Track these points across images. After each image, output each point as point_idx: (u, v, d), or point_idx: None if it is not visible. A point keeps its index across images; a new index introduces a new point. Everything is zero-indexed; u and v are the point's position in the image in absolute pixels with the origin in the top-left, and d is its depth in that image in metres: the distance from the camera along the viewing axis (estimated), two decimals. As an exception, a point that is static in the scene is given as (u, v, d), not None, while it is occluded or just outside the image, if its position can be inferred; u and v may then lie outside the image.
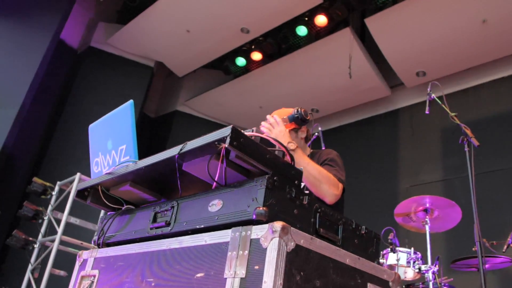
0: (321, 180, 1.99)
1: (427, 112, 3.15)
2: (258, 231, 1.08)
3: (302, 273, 1.06)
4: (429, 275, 3.17)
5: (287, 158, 1.35)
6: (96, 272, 1.59)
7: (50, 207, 5.02)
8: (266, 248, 1.03)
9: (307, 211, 1.23)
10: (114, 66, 7.62)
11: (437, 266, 3.20)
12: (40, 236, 4.92)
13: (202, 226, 1.25)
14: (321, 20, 6.39)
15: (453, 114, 2.88)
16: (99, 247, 1.67)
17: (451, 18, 5.48)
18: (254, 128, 1.36)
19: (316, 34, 6.77)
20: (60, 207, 5.01)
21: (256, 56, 7.30)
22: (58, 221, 4.82)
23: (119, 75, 7.58)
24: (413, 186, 5.95)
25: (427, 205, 3.43)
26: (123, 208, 1.65)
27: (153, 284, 1.31)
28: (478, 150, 2.80)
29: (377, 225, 3.63)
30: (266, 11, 6.26)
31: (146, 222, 1.48)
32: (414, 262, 3.25)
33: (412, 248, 3.32)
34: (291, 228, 1.07)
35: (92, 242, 1.67)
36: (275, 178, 1.15)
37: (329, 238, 1.26)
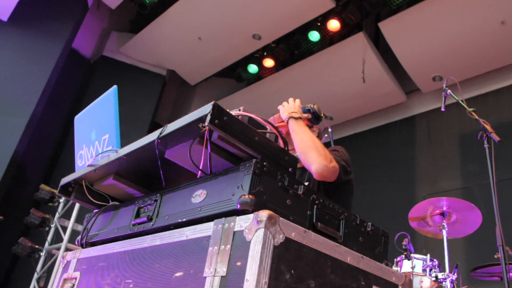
0: (312, 147, 1.84)
1: (443, 109, 2.96)
2: (242, 222, 0.93)
3: (293, 271, 0.91)
4: (447, 284, 2.94)
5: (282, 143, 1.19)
6: (77, 274, 1.46)
7: (57, 215, 4.94)
8: (250, 241, 0.89)
9: (303, 202, 1.08)
10: (126, 75, 7.61)
11: (455, 274, 2.96)
12: (46, 244, 4.84)
13: (184, 219, 1.11)
14: (334, 25, 6.25)
15: (471, 109, 2.70)
16: (82, 247, 1.54)
17: (468, 20, 5.29)
18: (242, 107, 1.23)
19: (329, 39, 6.63)
20: (67, 215, 4.93)
21: (268, 63, 7.19)
22: (65, 229, 4.73)
23: (131, 84, 7.55)
24: (431, 194, 5.70)
25: (444, 208, 3.19)
26: (108, 204, 1.52)
27: (131, 286, 1.17)
28: (498, 157, 2.61)
29: (393, 235, 3.44)
30: (278, 16, 6.16)
31: (129, 219, 1.35)
32: (430, 270, 3.01)
33: (428, 255, 3.08)
34: (280, 218, 0.92)
35: (76, 242, 1.55)
36: (264, 163, 1.01)
37: (328, 234, 1.10)
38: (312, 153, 1.81)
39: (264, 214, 0.89)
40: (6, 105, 5.96)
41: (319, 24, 6.37)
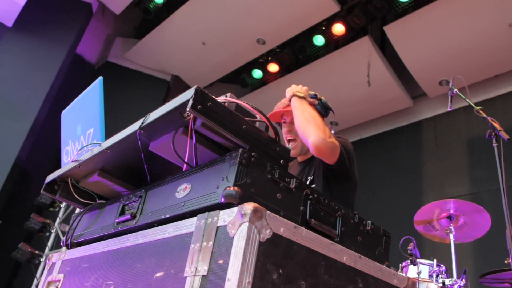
0: (311, 121, 1.79)
1: (449, 109, 2.86)
2: (226, 217, 0.85)
3: (281, 270, 0.83)
4: (455, 291, 2.81)
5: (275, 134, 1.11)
6: (61, 276, 1.38)
7: (58, 220, 4.88)
8: (233, 237, 0.80)
9: (295, 196, 0.99)
10: (131, 80, 7.57)
11: (464, 280, 2.82)
12: (47, 250, 4.77)
13: (167, 215, 1.03)
14: (338, 28, 6.17)
15: (478, 107, 2.61)
16: (67, 248, 1.46)
17: (475, 23, 5.19)
18: (229, 94, 1.15)
19: (334, 44, 6.56)
20: (68, 220, 4.87)
21: (273, 67, 7.12)
22: (65, 234, 4.65)
23: (136, 89, 7.52)
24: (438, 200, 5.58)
25: (451, 211, 3.05)
26: (94, 203, 1.44)
27: (112, 287, 1.09)
28: (508, 162, 2.51)
29: (399, 241, 3.33)
30: (282, 21, 6.10)
31: (113, 217, 1.27)
32: (437, 275, 2.87)
33: (435, 260, 2.95)
34: (267, 212, 0.84)
35: (61, 243, 1.47)
36: (252, 153, 0.93)
37: (323, 232, 1.01)
38: (310, 127, 1.75)
39: (248, 206, 0.81)
40: (9, 110, 5.94)
41: (323, 28, 6.30)
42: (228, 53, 6.91)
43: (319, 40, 6.42)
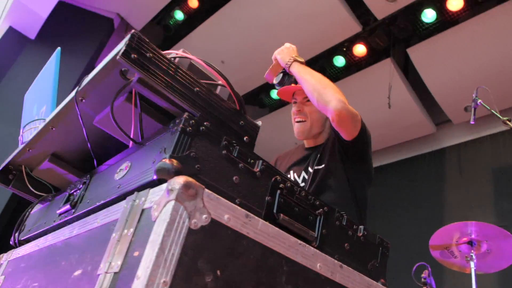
0: (328, 85, 1.59)
1: (472, 122, 2.61)
2: (153, 197, 0.64)
3: (219, 271, 0.60)
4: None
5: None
6: (1, 278, 1.18)
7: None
8: (155, 221, 0.59)
9: (259, 183, 0.77)
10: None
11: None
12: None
13: (102, 201, 0.82)
14: (360, 49, 5.99)
15: (505, 118, 2.36)
16: (15, 246, 1.27)
17: (503, 46, 4.92)
18: (182, 49, 0.95)
19: (355, 65, 6.36)
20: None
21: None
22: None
23: (153, 106, 7.46)
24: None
25: (473, 235, 2.69)
26: (46, 195, 1.25)
27: (34, 290, 0.88)
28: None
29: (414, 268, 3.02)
30: (302, 40, 5.96)
31: (58, 209, 1.07)
32: None
33: (453, 292, 2.64)
34: (206, 191, 0.62)
35: (10, 241, 1.28)
36: (205, 123, 0.72)
37: (295, 232, 0.78)
38: (328, 91, 1.53)
39: (178, 180, 0.59)
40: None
41: (344, 49, 6.12)
42: (247, 72, 6.79)
43: (339, 61, 6.24)
